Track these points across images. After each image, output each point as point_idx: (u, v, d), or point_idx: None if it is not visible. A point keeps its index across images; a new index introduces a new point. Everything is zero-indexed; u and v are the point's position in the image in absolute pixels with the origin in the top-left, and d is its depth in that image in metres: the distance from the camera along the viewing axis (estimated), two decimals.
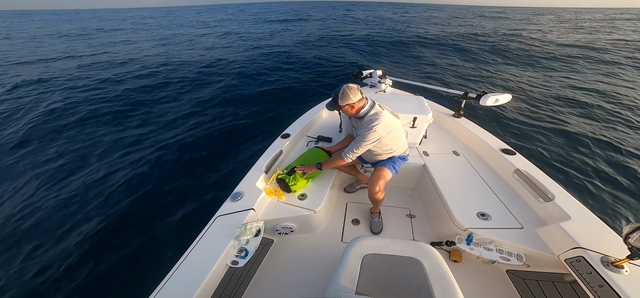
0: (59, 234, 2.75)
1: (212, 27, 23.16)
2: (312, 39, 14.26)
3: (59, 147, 4.45)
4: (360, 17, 29.33)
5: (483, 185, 1.89)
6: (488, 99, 2.30)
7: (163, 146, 4.48)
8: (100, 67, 9.66)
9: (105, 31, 22.00)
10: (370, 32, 16.47)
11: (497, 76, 8.14)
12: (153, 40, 16.19)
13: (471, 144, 2.41)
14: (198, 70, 9.03)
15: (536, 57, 10.35)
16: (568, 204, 1.50)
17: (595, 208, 2.84)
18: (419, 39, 13.98)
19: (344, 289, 1.03)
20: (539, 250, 1.39)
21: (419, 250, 1.17)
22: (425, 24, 21.63)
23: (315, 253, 1.82)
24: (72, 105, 6.09)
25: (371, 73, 3.26)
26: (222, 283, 1.34)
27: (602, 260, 1.14)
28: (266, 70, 8.79)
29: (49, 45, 15.07)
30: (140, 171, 3.75)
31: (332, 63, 9.34)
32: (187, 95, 6.95)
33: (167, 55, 11.42)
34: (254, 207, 1.62)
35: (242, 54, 11.31)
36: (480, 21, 25.84)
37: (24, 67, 9.87)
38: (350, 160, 1.71)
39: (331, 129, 2.81)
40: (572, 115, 5.24)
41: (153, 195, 3.26)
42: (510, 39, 13.67)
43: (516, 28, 19.69)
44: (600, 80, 7.49)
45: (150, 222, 2.85)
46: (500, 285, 1.56)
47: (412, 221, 2.06)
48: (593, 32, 17.62)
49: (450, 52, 11.25)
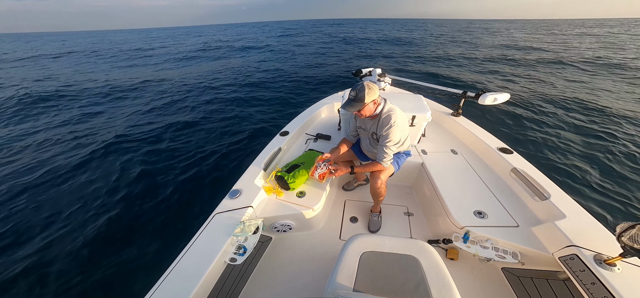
0: (52, 231, 2.74)
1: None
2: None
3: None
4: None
5: (480, 184, 1.91)
6: (487, 98, 2.31)
7: (162, 143, 4.46)
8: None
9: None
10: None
11: (497, 75, 8.16)
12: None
13: (469, 142, 2.42)
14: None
15: (538, 58, 10.38)
16: (563, 203, 1.52)
17: (589, 207, 2.87)
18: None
19: (342, 287, 1.04)
20: (533, 248, 1.41)
21: (416, 248, 1.18)
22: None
23: (314, 250, 1.83)
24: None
25: (370, 71, 3.25)
26: (220, 281, 1.34)
27: (595, 258, 1.16)
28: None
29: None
30: (139, 169, 3.73)
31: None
32: (188, 93, 6.92)
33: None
34: (252, 204, 1.62)
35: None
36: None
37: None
38: (388, 162, 1.68)
39: (330, 127, 2.81)
40: (572, 115, 5.28)
41: (151, 193, 3.25)
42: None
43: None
44: (601, 79, 7.53)
45: (149, 220, 2.85)
46: (495, 282, 1.58)
47: (409, 219, 2.07)
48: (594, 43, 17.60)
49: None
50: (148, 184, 3.40)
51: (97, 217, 2.89)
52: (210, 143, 4.44)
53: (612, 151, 3.91)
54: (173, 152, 4.15)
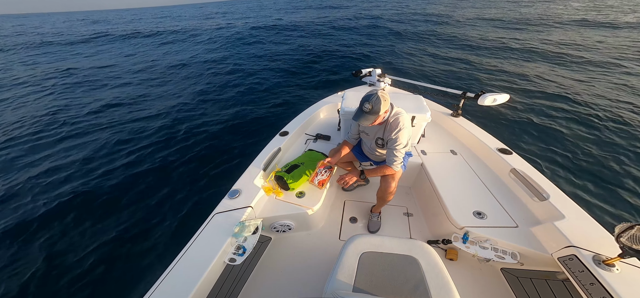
0: (49, 225, 2.74)
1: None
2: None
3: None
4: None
5: (479, 184, 1.91)
6: (486, 98, 2.31)
7: (161, 142, 4.45)
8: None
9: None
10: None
11: (497, 75, 8.18)
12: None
13: (469, 143, 2.43)
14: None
15: (538, 54, 10.41)
16: (562, 204, 1.52)
17: (589, 207, 2.88)
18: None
19: (342, 287, 1.04)
20: (533, 248, 1.41)
21: (416, 248, 1.18)
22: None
23: (313, 251, 1.83)
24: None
25: (370, 71, 3.25)
26: (219, 281, 1.34)
27: (594, 259, 1.16)
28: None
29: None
30: (138, 168, 3.73)
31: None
32: (188, 89, 6.92)
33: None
34: (252, 204, 1.62)
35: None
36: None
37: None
38: (399, 166, 1.67)
39: (330, 127, 2.81)
40: (572, 114, 5.29)
41: (150, 193, 3.25)
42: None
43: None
44: (600, 79, 7.55)
45: (148, 220, 2.84)
46: (494, 283, 1.59)
47: (409, 219, 2.07)
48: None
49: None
50: (147, 184, 3.39)
51: (97, 217, 2.88)
52: (209, 139, 4.44)
53: (613, 151, 3.93)
54: (172, 151, 4.15)
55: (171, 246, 2.50)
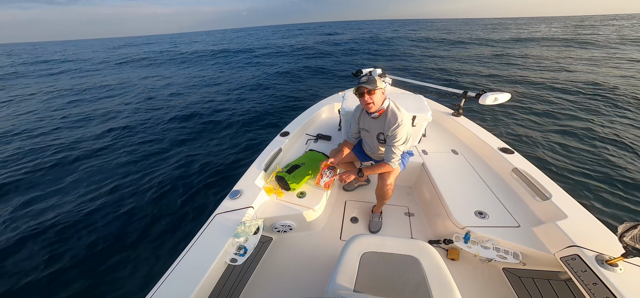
0: (50, 226, 2.75)
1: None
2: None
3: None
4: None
5: (481, 184, 1.90)
6: (487, 98, 2.30)
7: (161, 142, 4.47)
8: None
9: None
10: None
11: (498, 76, 8.15)
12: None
13: (470, 142, 2.42)
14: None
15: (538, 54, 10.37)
16: (564, 203, 1.51)
17: (591, 207, 2.86)
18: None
19: (343, 287, 1.04)
20: (535, 248, 1.40)
21: (417, 248, 1.18)
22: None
23: (314, 251, 1.82)
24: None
25: (370, 71, 3.25)
26: (220, 281, 1.34)
27: (597, 259, 1.16)
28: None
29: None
30: (138, 168, 3.74)
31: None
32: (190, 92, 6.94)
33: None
34: (253, 205, 1.62)
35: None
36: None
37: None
38: (397, 163, 1.68)
39: (330, 127, 2.81)
40: (571, 114, 5.26)
41: (151, 193, 3.26)
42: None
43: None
44: (600, 79, 7.51)
45: (149, 220, 2.85)
46: (496, 283, 1.58)
47: (410, 219, 2.07)
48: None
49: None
50: (149, 186, 3.40)
51: (97, 218, 2.89)
52: (210, 142, 4.45)
53: (613, 151, 3.90)
54: (173, 153, 4.16)
55: (173, 247, 2.51)
